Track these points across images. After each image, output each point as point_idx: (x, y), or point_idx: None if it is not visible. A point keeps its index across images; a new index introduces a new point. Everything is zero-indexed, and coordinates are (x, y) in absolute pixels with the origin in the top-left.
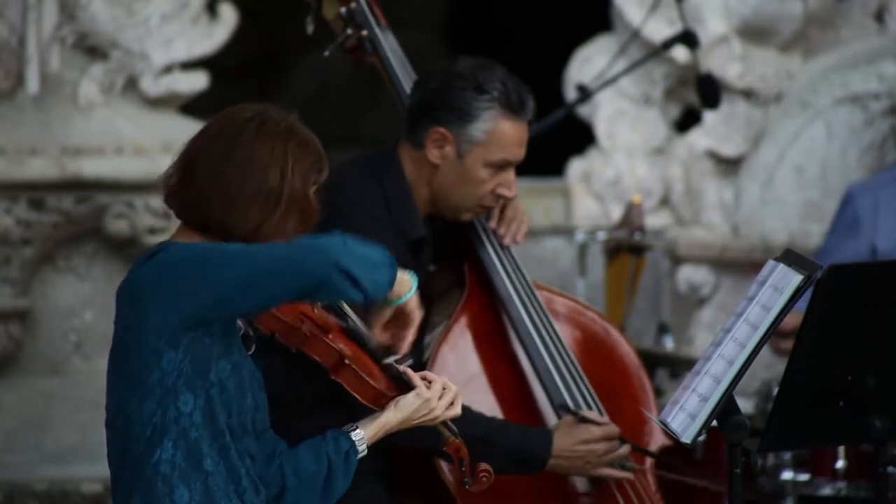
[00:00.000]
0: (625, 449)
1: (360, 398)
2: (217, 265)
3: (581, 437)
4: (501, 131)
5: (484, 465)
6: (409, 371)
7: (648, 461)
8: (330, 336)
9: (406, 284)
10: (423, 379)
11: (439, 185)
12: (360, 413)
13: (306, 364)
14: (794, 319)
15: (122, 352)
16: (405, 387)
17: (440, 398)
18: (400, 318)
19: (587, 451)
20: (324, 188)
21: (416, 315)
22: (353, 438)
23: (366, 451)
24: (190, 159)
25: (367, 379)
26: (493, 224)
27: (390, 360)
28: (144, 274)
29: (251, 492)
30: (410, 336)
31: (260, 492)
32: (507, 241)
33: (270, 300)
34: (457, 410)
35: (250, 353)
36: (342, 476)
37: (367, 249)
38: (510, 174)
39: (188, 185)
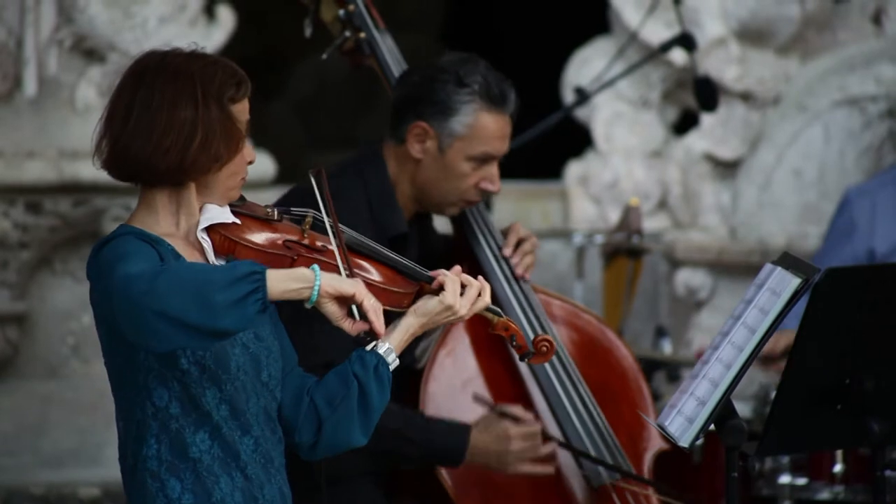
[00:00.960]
0: (547, 448)
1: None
2: (110, 285)
3: (496, 433)
4: (482, 125)
5: (542, 335)
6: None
7: (647, 463)
8: (324, 255)
9: (302, 279)
10: (432, 279)
11: (422, 180)
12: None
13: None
14: (784, 339)
15: (102, 341)
16: (422, 280)
17: (462, 295)
18: (348, 303)
19: (501, 450)
20: (309, 192)
21: (349, 290)
22: (379, 351)
23: (397, 361)
24: (103, 119)
25: (378, 284)
26: (507, 252)
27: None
28: (94, 266)
29: (255, 464)
30: (375, 315)
31: (272, 460)
32: (518, 272)
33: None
34: (485, 302)
35: None
36: (377, 391)
37: (201, 275)
38: (493, 168)
39: (108, 143)
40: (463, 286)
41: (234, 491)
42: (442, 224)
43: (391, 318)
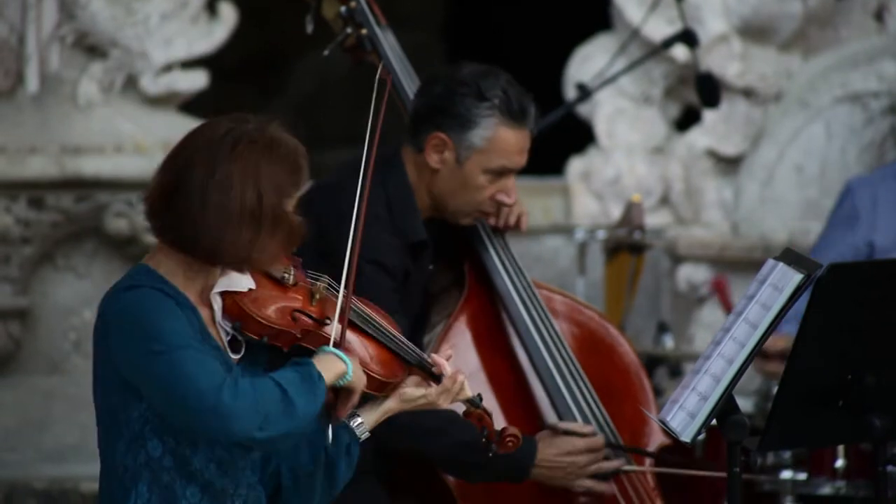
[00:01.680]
0: (611, 464)
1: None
2: (152, 358)
3: (564, 448)
4: (501, 139)
5: (511, 430)
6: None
7: (648, 461)
8: (325, 329)
9: (338, 370)
10: (433, 365)
11: (439, 189)
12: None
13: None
14: (781, 342)
15: (97, 375)
16: (415, 367)
17: (444, 393)
18: (341, 394)
19: (569, 463)
20: (325, 188)
21: (358, 388)
22: (354, 428)
23: (368, 436)
24: (167, 181)
25: (368, 369)
26: (492, 221)
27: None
28: (115, 309)
29: None
30: (350, 405)
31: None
32: (511, 220)
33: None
34: (467, 394)
35: (239, 356)
36: (345, 468)
37: (282, 391)
38: (510, 181)
39: (167, 207)
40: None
41: None
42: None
43: (414, 294)
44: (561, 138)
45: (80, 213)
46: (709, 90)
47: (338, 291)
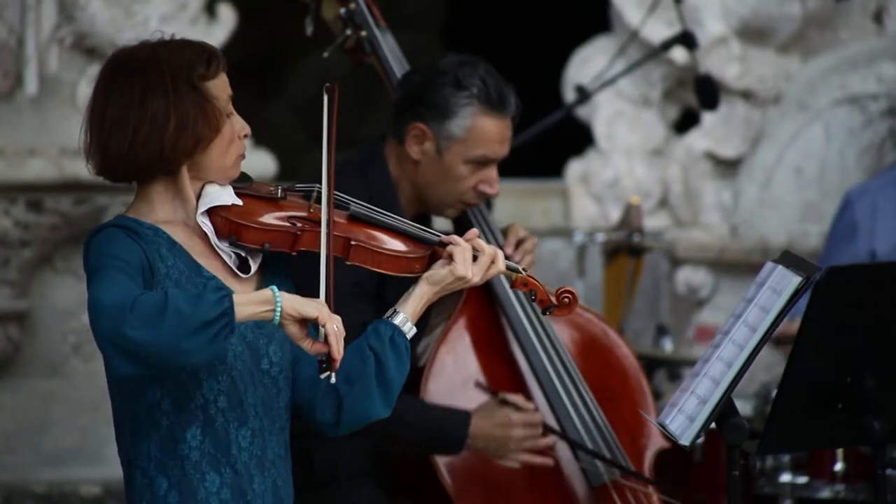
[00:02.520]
0: (547, 440)
1: (387, 272)
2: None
3: (497, 420)
4: (481, 128)
5: (565, 288)
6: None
7: (647, 462)
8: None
9: (264, 301)
10: (450, 243)
11: (421, 181)
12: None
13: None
14: (793, 327)
15: None
16: (434, 244)
17: (475, 263)
18: (307, 326)
19: (503, 436)
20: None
21: (313, 313)
22: (395, 322)
23: (414, 330)
24: (85, 122)
25: (384, 251)
26: (508, 251)
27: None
28: (84, 255)
29: (249, 457)
30: (336, 339)
31: (266, 452)
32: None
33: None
34: (500, 268)
35: (250, 274)
36: (394, 362)
37: (155, 304)
38: (492, 171)
39: (92, 146)
40: (476, 252)
41: (221, 487)
42: (443, 224)
43: (406, 285)
44: (560, 140)
45: (79, 216)
46: (708, 92)
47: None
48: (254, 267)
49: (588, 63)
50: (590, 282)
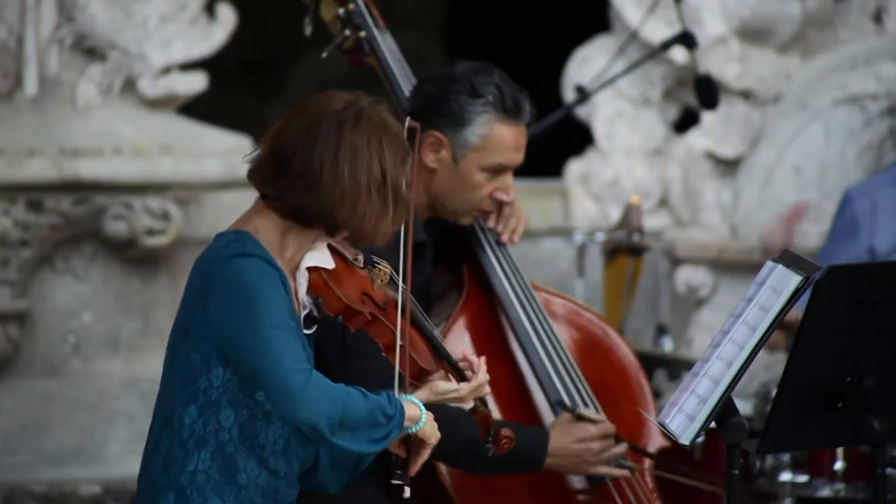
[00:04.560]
0: (622, 447)
1: (401, 371)
2: (251, 333)
3: (578, 435)
4: (497, 136)
5: (506, 432)
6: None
7: (647, 461)
8: (387, 315)
9: (412, 412)
10: (464, 360)
11: (436, 189)
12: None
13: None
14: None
15: (185, 330)
16: (446, 363)
17: (473, 391)
18: (413, 444)
19: (584, 450)
20: None
21: (431, 440)
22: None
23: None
24: (281, 147)
25: (415, 358)
26: (491, 223)
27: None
28: (224, 275)
29: (288, 489)
30: (420, 460)
31: (293, 498)
32: (504, 238)
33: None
34: (484, 393)
35: (310, 332)
36: (374, 454)
37: (367, 413)
38: (508, 178)
39: (282, 174)
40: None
41: None
42: None
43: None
44: (560, 140)
45: (79, 216)
46: (707, 92)
47: (394, 281)
48: (314, 328)
49: (588, 63)
50: (590, 281)
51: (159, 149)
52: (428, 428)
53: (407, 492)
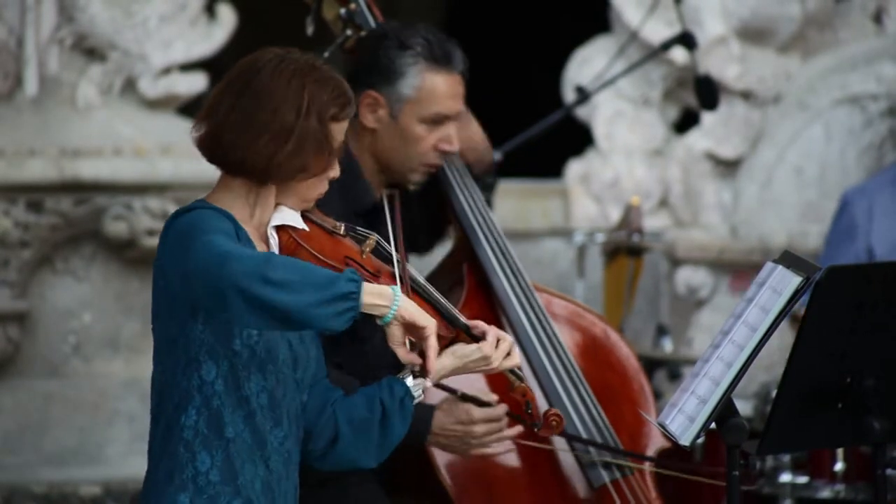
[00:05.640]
0: (514, 431)
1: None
2: (189, 254)
3: (459, 417)
4: (431, 85)
5: (553, 410)
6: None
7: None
8: (379, 281)
9: (384, 296)
10: (475, 328)
11: (380, 149)
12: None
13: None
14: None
15: (156, 310)
16: (460, 327)
17: (497, 348)
18: (412, 332)
19: (465, 432)
20: None
21: (423, 322)
22: (409, 384)
23: (422, 396)
24: (210, 101)
25: None
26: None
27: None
28: (169, 233)
29: (278, 457)
30: (433, 350)
31: (291, 456)
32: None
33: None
34: (515, 361)
35: None
36: (399, 421)
37: (295, 269)
38: (450, 128)
39: (207, 124)
40: (497, 340)
41: (255, 479)
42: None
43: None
44: (560, 141)
45: (79, 216)
46: (707, 92)
47: (385, 250)
48: None
49: (588, 63)
50: (590, 282)
51: (159, 149)
52: (412, 309)
53: (429, 382)
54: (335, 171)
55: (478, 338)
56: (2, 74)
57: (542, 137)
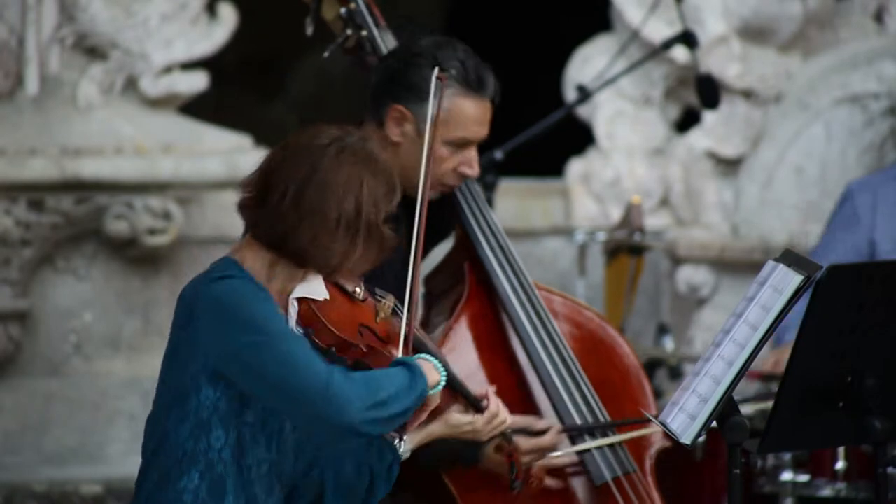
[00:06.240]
0: (556, 461)
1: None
2: (256, 347)
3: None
4: (460, 109)
5: (536, 471)
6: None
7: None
8: (389, 348)
9: (433, 379)
10: (480, 399)
11: (401, 163)
12: None
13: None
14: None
15: (173, 357)
16: (459, 396)
17: (489, 424)
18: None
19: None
20: None
21: (433, 404)
22: (399, 449)
23: (408, 456)
24: (267, 177)
25: None
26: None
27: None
28: (208, 297)
29: None
30: (422, 418)
31: None
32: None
33: (278, 411)
34: (504, 428)
35: None
36: (383, 486)
37: (391, 391)
38: (471, 152)
39: (264, 203)
40: (493, 417)
41: None
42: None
43: None
44: (561, 140)
45: (80, 215)
46: (708, 91)
47: (400, 313)
48: None
49: (589, 62)
50: (591, 281)
51: (160, 148)
52: (436, 393)
53: (402, 447)
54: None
55: (478, 405)
56: (3, 74)
57: (544, 136)
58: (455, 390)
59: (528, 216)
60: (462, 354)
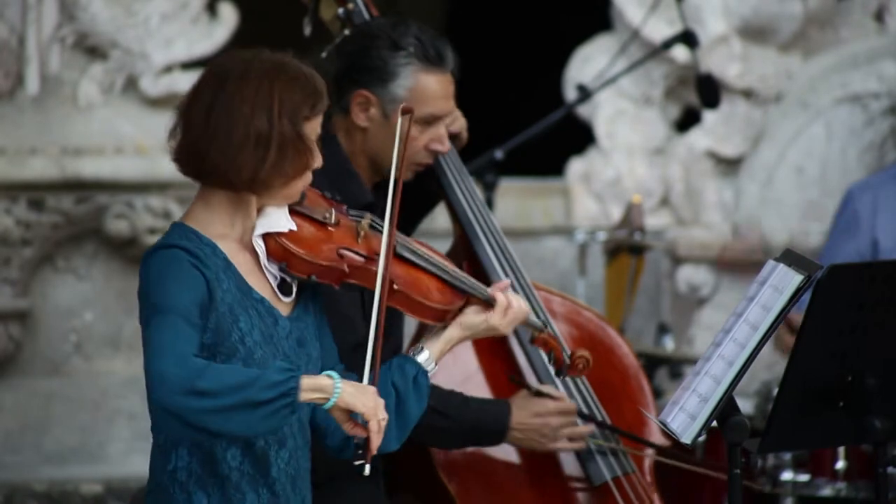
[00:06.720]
0: (587, 428)
1: (420, 319)
2: (144, 322)
3: (535, 409)
4: (423, 86)
5: (581, 352)
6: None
7: (648, 451)
8: (374, 265)
9: (324, 390)
10: (493, 297)
11: (372, 148)
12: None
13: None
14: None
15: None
16: (470, 297)
17: (504, 317)
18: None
19: (542, 424)
20: None
21: (361, 409)
22: (420, 361)
23: (436, 369)
24: (181, 112)
25: (423, 300)
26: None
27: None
28: (142, 266)
29: (285, 478)
30: (374, 435)
31: (299, 471)
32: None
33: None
34: (522, 318)
35: (291, 297)
36: (415, 401)
37: (228, 383)
38: (440, 128)
39: (182, 137)
40: (506, 308)
41: None
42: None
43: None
44: (561, 139)
45: (81, 215)
46: (709, 91)
47: (381, 228)
48: (294, 290)
49: (589, 62)
50: (591, 281)
51: (161, 147)
52: (350, 397)
53: (367, 469)
54: (317, 162)
55: (487, 299)
56: (3, 73)
57: (544, 136)
58: (463, 293)
59: (529, 216)
60: (460, 353)
